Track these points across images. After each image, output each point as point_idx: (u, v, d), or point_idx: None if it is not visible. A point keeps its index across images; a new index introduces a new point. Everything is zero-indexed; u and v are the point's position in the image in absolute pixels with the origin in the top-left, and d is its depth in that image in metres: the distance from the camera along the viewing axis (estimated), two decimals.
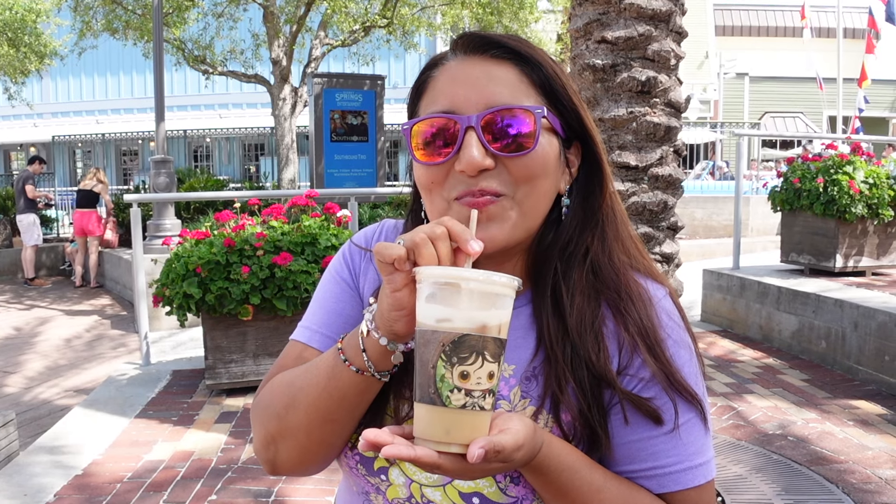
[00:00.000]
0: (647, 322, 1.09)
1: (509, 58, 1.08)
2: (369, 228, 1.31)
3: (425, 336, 0.90)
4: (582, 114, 1.12)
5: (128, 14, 16.11)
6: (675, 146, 3.25)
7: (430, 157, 1.07)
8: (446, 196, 1.06)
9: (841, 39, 25.32)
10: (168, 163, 11.31)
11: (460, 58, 1.10)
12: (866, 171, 7.19)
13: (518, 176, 1.04)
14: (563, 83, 1.10)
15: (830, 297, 6.29)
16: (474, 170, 1.02)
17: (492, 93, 1.05)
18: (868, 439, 4.60)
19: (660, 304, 1.13)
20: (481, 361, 0.89)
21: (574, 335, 1.07)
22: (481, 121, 1.03)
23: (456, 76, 1.08)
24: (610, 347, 1.08)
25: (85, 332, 9.75)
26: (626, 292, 1.11)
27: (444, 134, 1.05)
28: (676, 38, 3.25)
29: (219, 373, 5.36)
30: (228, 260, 5.08)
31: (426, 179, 1.08)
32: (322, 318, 1.22)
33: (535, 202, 1.07)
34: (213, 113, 30.99)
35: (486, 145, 1.03)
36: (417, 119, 1.09)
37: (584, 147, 1.15)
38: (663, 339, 1.09)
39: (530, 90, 1.08)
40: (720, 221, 15.86)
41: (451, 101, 1.06)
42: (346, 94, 12.64)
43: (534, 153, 1.04)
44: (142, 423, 4.94)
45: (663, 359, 1.07)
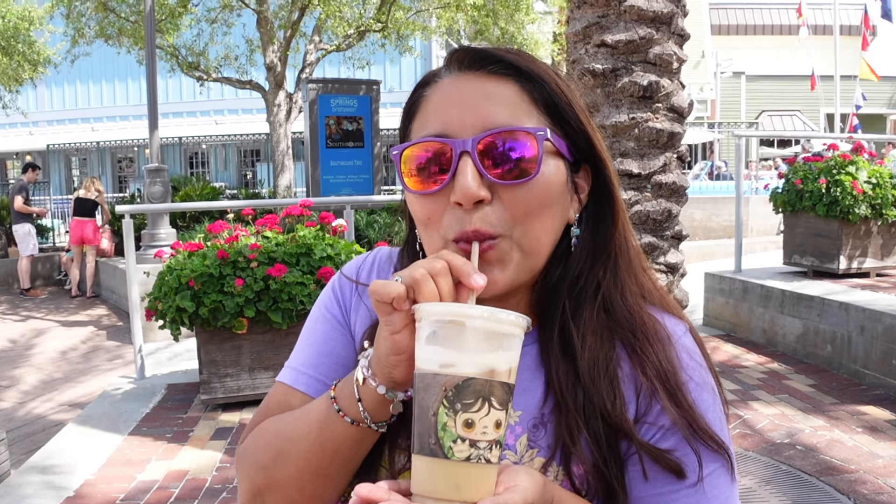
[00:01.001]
0: (666, 364, 0.99)
1: (509, 74, 0.98)
2: (361, 258, 1.22)
3: (425, 380, 0.82)
4: (591, 134, 1.02)
5: (121, 21, 16.01)
6: (678, 152, 3.15)
7: (423, 186, 0.98)
8: (444, 234, 0.97)
9: (837, 36, 25.27)
10: (162, 171, 11.21)
11: (455, 75, 1.01)
12: (869, 171, 7.09)
13: (516, 211, 0.94)
14: (568, 100, 1.00)
15: (835, 300, 6.19)
16: (469, 201, 0.92)
17: (488, 113, 0.95)
18: (878, 447, 4.50)
19: (679, 342, 1.03)
20: (488, 408, 0.81)
21: (586, 380, 0.97)
22: (477, 145, 0.93)
23: (450, 95, 0.99)
24: (626, 393, 0.99)
25: (81, 344, 9.65)
26: (642, 331, 1.01)
27: (437, 160, 0.96)
28: (678, 40, 3.15)
29: (214, 387, 5.25)
30: (222, 272, 4.98)
31: (421, 214, 0.99)
32: (309, 358, 1.13)
33: (537, 238, 0.97)
34: (208, 119, 30.89)
35: (482, 172, 0.93)
36: (407, 144, 0.99)
37: (594, 170, 1.05)
38: (684, 382, 0.99)
39: (532, 109, 0.98)
40: (719, 223, 15.79)
41: (444, 124, 0.97)
42: (341, 100, 12.53)
43: (536, 181, 0.95)
44: (135, 441, 4.83)
45: (685, 404, 0.97)
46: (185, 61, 16.60)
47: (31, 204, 14.07)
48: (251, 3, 15.40)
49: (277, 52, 15.39)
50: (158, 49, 15.08)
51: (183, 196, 14.86)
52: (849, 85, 27.16)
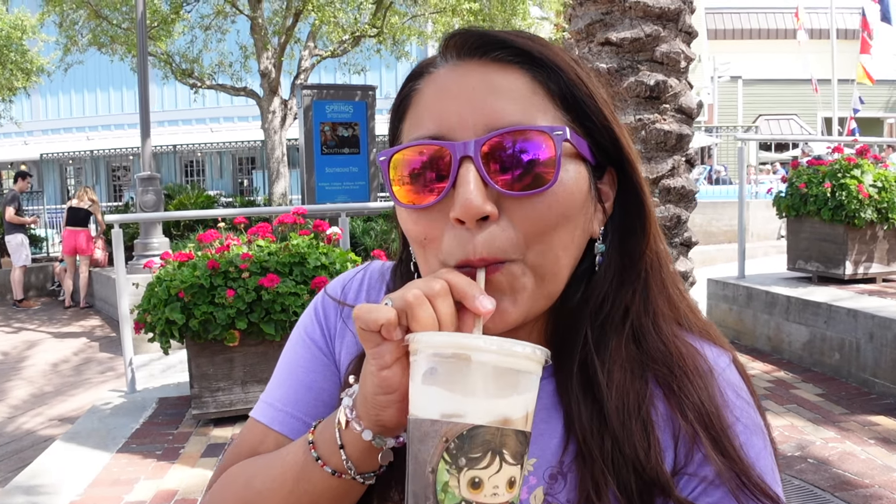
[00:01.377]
0: (709, 403, 0.84)
1: (517, 62, 0.81)
2: (348, 274, 1.05)
3: (422, 427, 0.67)
4: (616, 131, 0.85)
5: (113, 28, 15.87)
6: (687, 155, 3.00)
7: (416, 199, 0.81)
8: (443, 259, 0.80)
9: (834, 41, 25.23)
10: (155, 179, 11.06)
11: (453, 64, 0.84)
12: (875, 174, 6.96)
13: (530, 229, 0.78)
14: (590, 92, 0.84)
15: (843, 307, 6.04)
16: (473, 217, 0.75)
17: (494, 109, 0.78)
18: (892, 460, 4.35)
19: (723, 376, 0.88)
20: (499, 463, 0.66)
21: (615, 424, 0.81)
22: (482, 147, 0.76)
23: (447, 88, 0.81)
24: (662, 439, 0.83)
25: (73, 356, 9.49)
26: (679, 365, 0.85)
27: (433, 167, 0.79)
28: (686, 38, 3.00)
29: (205, 402, 5.09)
30: (213, 283, 4.82)
31: (415, 232, 0.83)
32: (287, 392, 0.98)
33: (555, 260, 0.80)
34: (203, 127, 30.76)
35: (488, 181, 0.76)
36: (396, 148, 0.82)
37: (620, 174, 0.88)
38: (731, 424, 0.84)
39: (547, 104, 0.81)
40: (720, 227, 15.66)
41: (441, 123, 0.80)
42: (336, 106, 12.39)
43: (554, 190, 0.78)
44: (124, 459, 4.67)
45: (732, 452, 0.82)
46: (178, 68, 16.45)
47: (23, 214, 13.89)
48: (245, 10, 15.27)
49: (272, 59, 15.26)
50: (152, 56, 14.95)
51: (177, 205, 14.72)
52: (846, 89, 27.10)
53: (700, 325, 0.93)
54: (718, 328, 3.27)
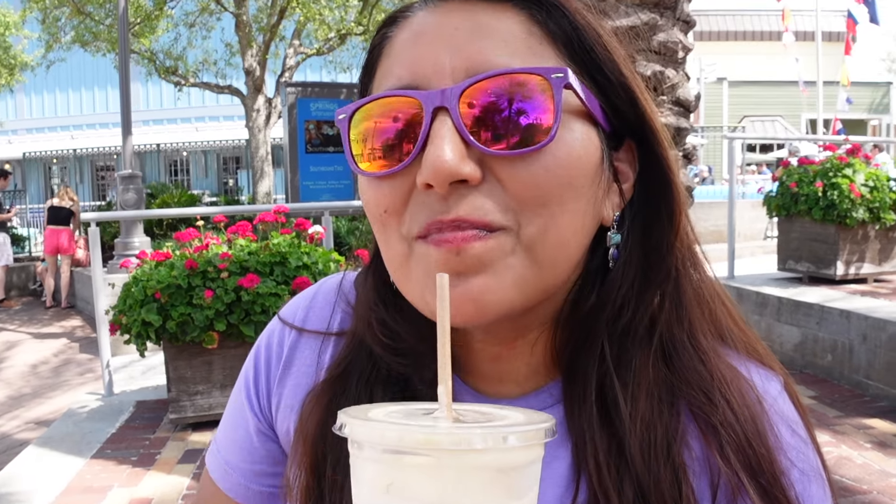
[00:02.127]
0: (757, 444, 0.66)
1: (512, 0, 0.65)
2: (301, 295, 0.88)
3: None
4: (636, 92, 0.68)
5: (96, 25, 15.68)
6: (684, 150, 2.88)
7: (378, 165, 0.64)
8: (406, 232, 0.64)
9: (819, 43, 25.28)
10: (136, 178, 10.89)
11: (433, 5, 0.67)
12: (866, 173, 6.88)
13: (523, 195, 0.61)
14: (602, 40, 0.67)
15: (835, 308, 5.95)
16: (444, 180, 0.59)
17: (479, 50, 0.62)
18: (890, 464, 4.25)
19: (774, 408, 0.69)
20: None
21: (638, 466, 0.64)
22: (460, 96, 0.60)
23: (423, 31, 0.65)
24: (697, 488, 0.65)
25: (52, 357, 9.33)
26: (721, 392, 0.67)
27: (401, 124, 0.63)
28: (684, 27, 2.87)
29: (183, 406, 4.93)
30: (190, 283, 4.66)
31: (374, 204, 0.66)
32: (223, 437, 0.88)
33: (558, 242, 0.63)
34: (188, 126, 30.55)
35: (467, 137, 0.60)
36: (358, 103, 0.66)
37: (643, 149, 0.70)
38: (785, 470, 0.66)
39: (546, 48, 0.64)
40: (706, 227, 15.56)
41: (412, 70, 0.64)
42: (321, 104, 12.22)
43: (551, 152, 0.61)
44: (98, 465, 4.51)
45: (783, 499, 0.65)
46: (162, 66, 16.28)
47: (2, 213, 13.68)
48: (230, 7, 15.11)
49: (256, 56, 15.11)
50: (135, 53, 14.77)
51: (160, 203, 14.56)
52: (831, 90, 27.17)
53: (747, 341, 0.75)
54: None
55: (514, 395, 0.73)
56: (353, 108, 0.66)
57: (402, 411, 0.52)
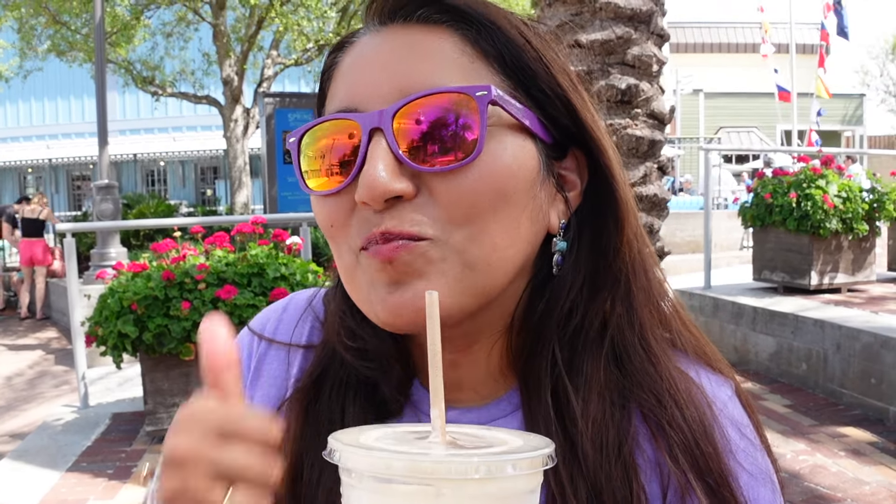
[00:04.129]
0: (705, 446, 0.68)
1: (445, 20, 0.69)
2: (271, 309, 0.90)
3: None
4: (574, 101, 0.70)
5: (73, 35, 15.59)
6: (659, 162, 2.91)
7: (324, 183, 0.69)
8: (353, 245, 0.68)
9: (794, 55, 25.56)
10: (112, 188, 10.82)
11: (375, 30, 0.71)
12: (839, 184, 6.96)
13: (454, 208, 0.64)
14: (539, 55, 0.70)
15: (810, 317, 6.01)
16: (378, 199, 0.63)
17: (411, 72, 0.66)
18: (863, 472, 4.30)
19: (724, 412, 0.72)
20: None
21: (589, 466, 0.66)
22: (392, 118, 0.64)
23: (364, 54, 0.70)
24: (648, 487, 0.68)
25: (27, 369, 9.23)
26: (670, 394, 0.70)
27: (342, 145, 0.67)
28: (658, 41, 2.91)
29: (160, 418, 4.90)
30: (167, 294, 4.65)
31: (323, 219, 0.70)
32: None
33: (491, 247, 0.66)
34: (166, 136, 30.33)
35: (399, 155, 0.64)
36: (303, 127, 0.70)
37: (590, 158, 0.73)
38: (733, 472, 0.69)
39: (480, 66, 0.67)
40: (683, 238, 15.67)
41: (352, 94, 0.68)
42: (299, 114, 12.21)
43: (477, 166, 0.64)
44: (73, 478, 4.47)
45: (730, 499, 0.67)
46: (139, 76, 16.20)
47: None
48: (207, 17, 15.07)
49: (234, 67, 15.08)
50: (111, 63, 14.68)
51: (137, 214, 14.47)
52: (805, 102, 27.45)
53: (697, 345, 0.78)
54: None
55: (473, 401, 0.75)
56: (301, 132, 0.70)
57: (393, 435, 0.52)
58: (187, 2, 15.01)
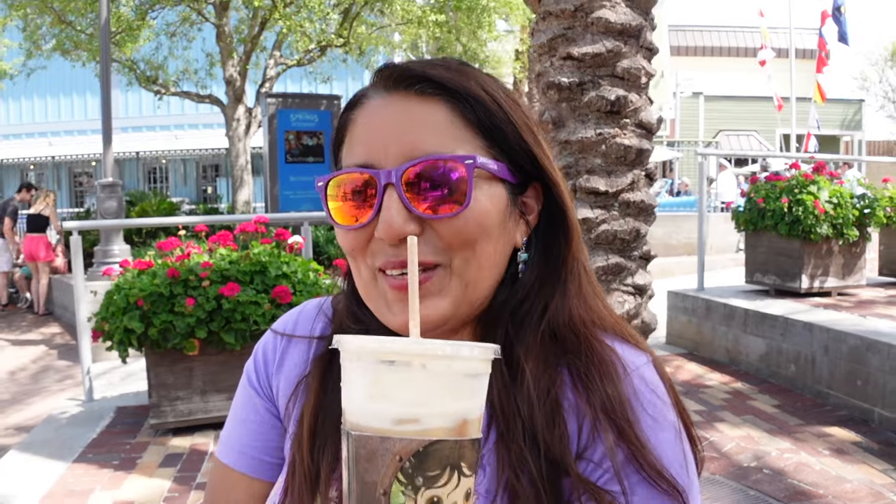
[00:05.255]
0: (614, 394, 0.88)
1: (437, 93, 0.89)
2: (289, 314, 1.15)
3: (369, 445, 0.62)
4: (536, 152, 0.93)
5: (77, 34, 15.70)
6: (646, 170, 3.05)
7: (348, 220, 0.90)
8: (371, 264, 0.91)
9: (793, 59, 25.68)
10: (116, 186, 10.95)
11: (381, 96, 0.91)
12: (830, 190, 7.10)
13: (451, 241, 0.87)
14: (508, 117, 0.91)
15: (799, 320, 6.15)
16: (394, 238, 0.85)
17: (414, 140, 0.87)
18: (846, 471, 4.43)
19: (637, 373, 0.91)
20: (457, 478, 0.63)
21: (525, 409, 0.87)
22: (402, 176, 0.85)
23: (374, 119, 0.90)
24: (569, 424, 0.88)
25: (31, 364, 9.36)
26: (588, 356, 0.91)
27: (363, 191, 0.89)
28: (647, 54, 3.05)
29: (164, 411, 5.04)
30: (172, 291, 4.78)
31: (347, 245, 0.93)
32: (231, 428, 1.13)
33: (478, 269, 0.89)
34: (168, 134, 30.45)
35: (408, 206, 0.85)
36: (331, 175, 0.92)
37: (545, 188, 0.97)
38: (638, 416, 0.87)
39: (465, 133, 0.89)
40: (679, 240, 15.82)
41: (368, 152, 0.89)
42: (301, 115, 12.37)
43: (467, 213, 0.86)
44: (80, 469, 4.60)
45: (635, 440, 0.85)
46: (143, 75, 16.32)
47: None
48: (211, 18, 15.20)
49: (237, 67, 15.20)
50: (116, 62, 14.80)
51: (139, 211, 14.59)
52: (804, 106, 27.59)
53: (617, 327, 0.98)
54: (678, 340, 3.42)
55: None
56: (328, 178, 0.91)
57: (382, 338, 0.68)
58: (191, 3, 15.13)
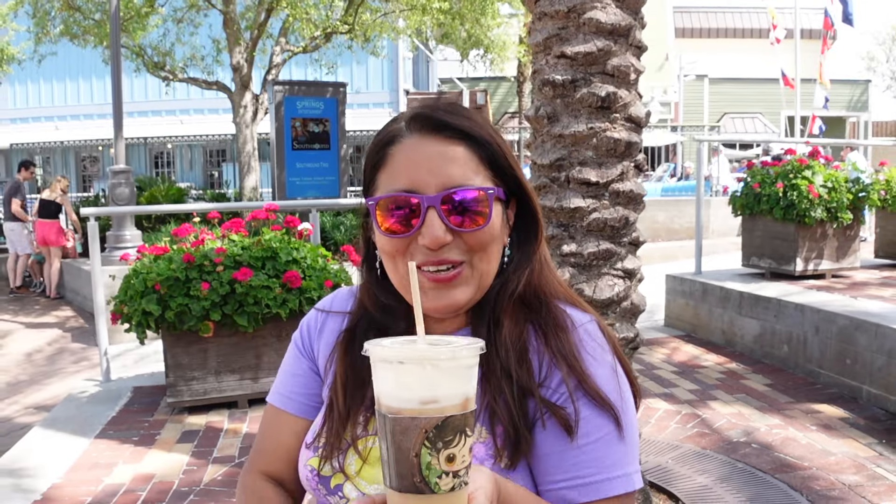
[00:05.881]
0: (565, 341, 1.22)
1: (461, 138, 1.22)
2: (327, 297, 1.52)
3: (401, 424, 0.88)
4: (520, 177, 1.28)
5: (87, 19, 15.85)
6: (635, 161, 3.24)
7: (395, 230, 1.21)
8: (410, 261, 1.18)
9: (798, 40, 25.66)
10: (128, 173, 11.14)
11: (416, 137, 1.22)
12: (825, 175, 7.27)
13: (474, 245, 1.21)
14: (504, 153, 1.26)
15: (791, 302, 6.34)
16: (436, 244, 1.18)
17: (447, 173, 1.19)
18: (831, 444, 4.64)
19: (582, 327, 1.25)
20: (464, 439, 0.89)
21: (502, 352, 1.21)
22: (440, 200, 1.17)
23: (413, 156, 1.21)
24: (533, 362, 1.21)
25: (46, 346, 9.59)
26: (547, 316, 1.25)
27: (407, 210, 1.20)
28: (636, 52, 3.24)
29: (180, 390, 5.28)
30: (188, 276, 5.00)
31: (390, 249, 1.23)
32: (282, 380, 1.46)
33: (488, 265, 1.24)
34: (174, 119, 30.55)
35: (445, 222, 1.18)
36: (382, 196, 1.22)
37: (520, 201, 1.31)
38: (582, 357, 1.21)
39: (479, 167, 1.23)
40: (682, 224, 16.00)
41: (411, 180, 1.20)
42: (307, 102, 12.56)
43: (487, 227, 1.20)
44: (102, 444, 4.84)
45: (579, 371, 1.19)
46: (150, 61, 16.48)
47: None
48: (218, 4, 15.34)
49: (244, 53, 15.34)
50: (124, 48, 14.94)
51: (148, 197, 14.78)
52: (809, 88, 27.58)
53: (568, 296, 1.32)
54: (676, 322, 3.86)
55: (447, 332, 1.30)
56: (379, 198, 1.22)
57: (399, 340, 0.98)
58: None
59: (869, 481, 4.10)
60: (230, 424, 5.16)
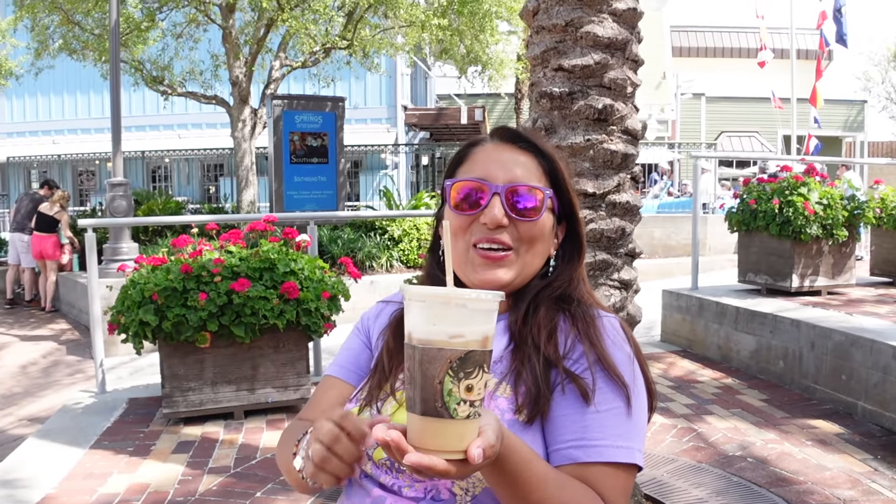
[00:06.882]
0: (591, 324, 1.42)
1: (530, 149, 1.50)
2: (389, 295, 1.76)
3: (429, 353, 1.00)
4: (574, 201, 1.52)
5: (86, 34, 15.90)
6: (632, 173, 3.27)
7: (463, 209, 1.45)
8: (467, 240, 1.45)
9: (794, 60, 25.80)
10: (125, 186, 11.16)
11: (496, 143, 1.52)
12: (821, 192, 7.30)
13: (523, 235, 1.44)
14: (564, 176, 1.51)
15: (787, 318, 6.36)
16: (495, 224, 1.41)
17: (514, 171, 1.45)
18: (826, 459, 4.64)
19: (606, 320, 1.45)
20: (482, 374, 1.02)
21: (535, 329, 1.42)
22: (505, 190, 1.43)
23: (491, 155, 1.49)
24: (560, 339, 1.41)
25: (41, 359, 9.57)
26: (577, 308, 1.46)
27: (477, 193, 1.44)
28: (633, 65, 3.27)
29: (176, 401, 5.27)
30: (185, 286, 5.01)
31: (456, 224, 1.45)
32: (343, 355, 1.66)
33: (532, 258, 1.47)
34: (171, 133, 30.59)
35: (506, 208, 1.42)
36: (458, 179, 1.48)
37: (569, 226, 1.55)
38: (603, 339, 1.40)
39: (542, 176, 1.49)
40: (679, 241, 16.02)
41: (485, 172, 1.46)
42: (305, 116, 12.60)
43: (537, 221, 1.44)
44: (97, 454, 4.83)
45: (599, 349, 1.37)
46: (149, 75, 16.53)
47: None
48: (217, 19, 15.40)
49: (243, 68, 15.40)
50: (123, 63, 14.99)
51: (146, 210, 14.78)
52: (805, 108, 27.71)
53: (598, 305, 1.52)
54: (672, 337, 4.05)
55: None
56: (455, 181, 1.48)
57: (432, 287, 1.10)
58: (198, 4, 15.33)
59: (864, 496, 4.11)
60: (226, 435, 5.15)
